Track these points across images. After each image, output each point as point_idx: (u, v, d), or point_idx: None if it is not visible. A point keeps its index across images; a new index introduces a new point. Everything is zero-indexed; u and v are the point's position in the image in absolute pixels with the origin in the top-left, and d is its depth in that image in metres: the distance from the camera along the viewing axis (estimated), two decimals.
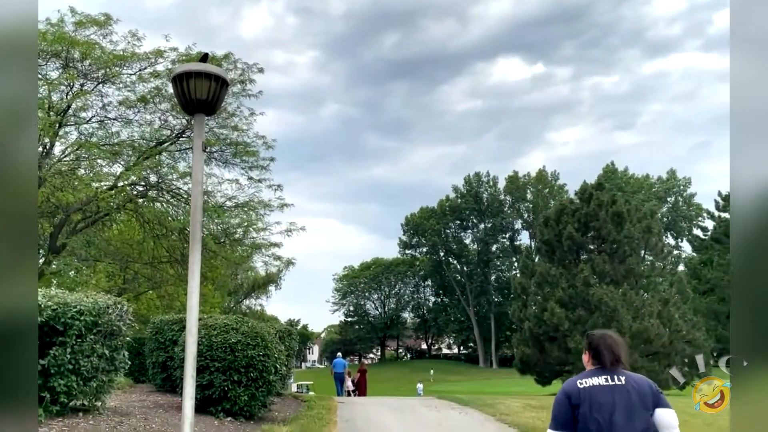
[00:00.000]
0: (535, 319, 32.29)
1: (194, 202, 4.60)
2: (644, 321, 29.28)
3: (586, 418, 3.23)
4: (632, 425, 3.20)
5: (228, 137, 17.85)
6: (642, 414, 3.24)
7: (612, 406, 3.23)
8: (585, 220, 32.74)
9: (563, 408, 3.35)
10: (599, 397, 3.28)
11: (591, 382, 3.34)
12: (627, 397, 3.27)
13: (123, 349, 8.20)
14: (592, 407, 3.25)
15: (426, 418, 12.69)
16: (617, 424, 3.19)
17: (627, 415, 3.22)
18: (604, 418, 3.21)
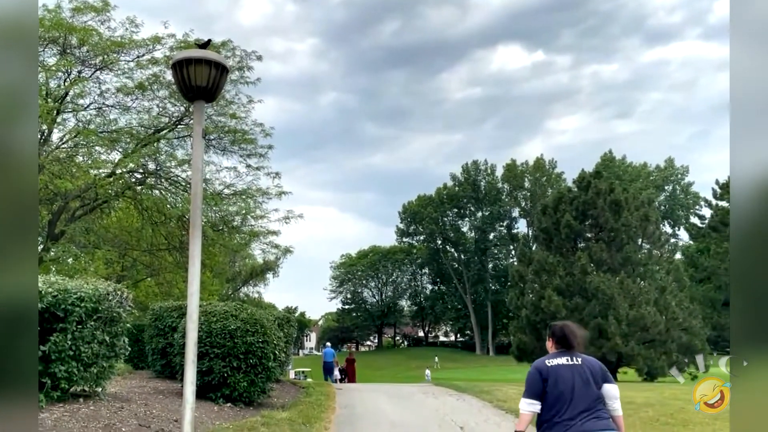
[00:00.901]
0: (532, 306, 32.41)
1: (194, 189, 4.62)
2: (641, 309, 29.41)
3: (553, 389, 4.17)
4: (587, 393, 4.17)
5: (226, 125, 17.82)
6: (593, 387, 4.20)
7: (572, 380, 4.18)
8: (583, 209, 32.78)
9: (536, 381, 4.25)
10: (563, 373, 4.22)
11: (556, 361, 4.28)
12: (583, 374, 4.23)
13: (123, 336, 8.23)
14: (557, 381, 4.18)
15: (424, 404, 12.79)
16: (576, 393, 4.14)
17: (584, 386, 4.18)
18: (566, 388, 4.15)
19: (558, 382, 4.19)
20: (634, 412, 11.26)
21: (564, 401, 4.14)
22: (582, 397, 4.16)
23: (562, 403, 4.14)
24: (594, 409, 4.15)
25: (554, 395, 4.17)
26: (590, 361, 4.36)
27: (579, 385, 4.19)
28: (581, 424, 4.08)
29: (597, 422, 4.09)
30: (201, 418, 8.41)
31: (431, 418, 10.57)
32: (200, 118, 4.60)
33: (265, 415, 9.19)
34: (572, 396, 4.15)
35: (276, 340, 10.66)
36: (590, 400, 4.16)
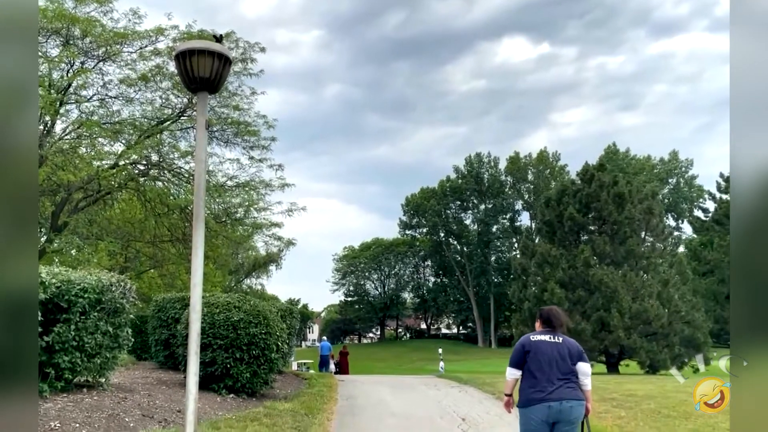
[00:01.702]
0: (534, 299, 32.39)
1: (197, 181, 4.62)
2: (644, 302, 29.38)
3: (532, 359, 5.05)
4: (563, 366, 5.00)
5: (229, 116, 17.82)
6: (569, 362, 5.04)
7: (551, 354, 5.04)
8: (586, 201, 32.71)
9: (518, 353, 5.18)
10: (543, 347, 5.10)
11: (539, 338, 5.18)
12: (561, 351, 5.08)
13: (126, 327, 8.27)
14: (537, 353, 5.06)
15: (426, 395, 12.83)
16: (553, 365, 4.99)
17: (560, 360, 5.02)
18: (544, 360, 5.01)
19: (538, 354, 5.07)
20: (635, 404, 11.28)
21: (542, 371, 4.99)
22: (558, 369, 5.00)
23: (541, 373, 4.99)
24: (567, 381, 4.99)
25: (535, 365, 5.03)
26: (570, 342, 5.22)
27: (556, 359, 5.04)
28: (555, 390, 4.92)
29: (569, 391, 4.94)
30: (204, 409, 8.45)
31: (433, 410, 10.60)
32: (203, 110, 4.60)
33: (267, 406, 9.23)
34: (549, 367, 5.00)
35: (279, 332, 10.69)
36: (565, 372, 5.00)
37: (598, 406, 11.27)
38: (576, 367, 5.06)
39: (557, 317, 5.36)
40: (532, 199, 73.31)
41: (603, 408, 11.06)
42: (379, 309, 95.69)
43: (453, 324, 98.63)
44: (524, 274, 35.40)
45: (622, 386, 13.89)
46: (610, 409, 10.97)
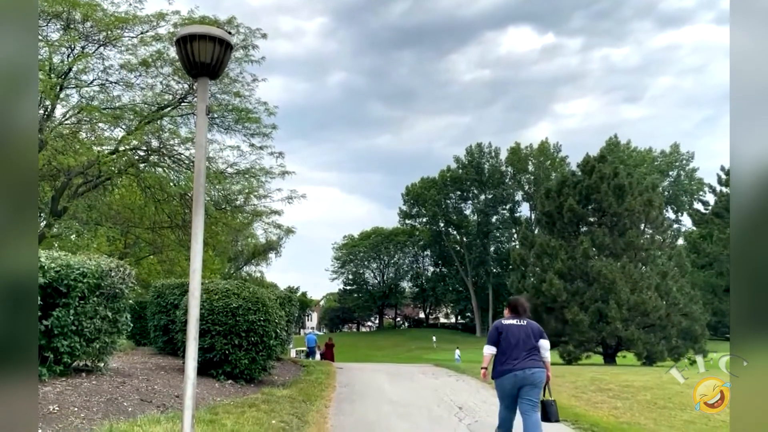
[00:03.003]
0: (533, 290, 32.48)
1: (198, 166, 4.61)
2: (642, 294, 29.46)
3: (504, 339, 6.41)
4: (528, 344, 6.37)
5: (230, 103, 17.76)
6: (532, 340, 6.41)
7: (518, 334, 6.43)
8: (586, 193, 32.71)
9: (493, 334, 6.56)
10: (513, 329, 6.48)
11: (509, 322, 6.58)
12: (526, 331, 6.47)
13: (125, 312, 8.29)
14: (508, 334, 6.44)
15: (423, 384, 12.88)
16: (520, 343, 6.34)
17: (526, 339, 6.40)
18: (513, 339, 6.37)
19: (509, 334, 6.43)
20: (632, 395, 11.34)
21: (512, 347, 6.35)
22: (524, 346, 6.36)
23: (510, 349, 6.34)
24: (531, 355, 6.35)
25: (506, 343, 6.39)
26: (532, 324, 6.62)
27: (523, 338, 6.40)
28: (521, 362, 6.28)
29: (532, 362, 6.30)
30: (202, 395, 8.49)
31: (430, 398, 10.65)
32: (204, 95, 4.58)
33: (265, 392, 9.27)
34: (517, 344, 6.36)
35: (277, 319, 10.72)
36: (529, 348, 6.36)
37: (594, 397, 11.35)
38: (538, 344, 6.45)
39: (522, 306, 6.78)
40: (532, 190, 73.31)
41: (599, 399, 11.13)
42: (377, 298, 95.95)
43: (451, 313, 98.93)
44: (523, 264, 35.46)
45: (618, 377, 13.96)
46: (607, 399, 11.04)
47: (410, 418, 8.56)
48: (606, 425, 8.65)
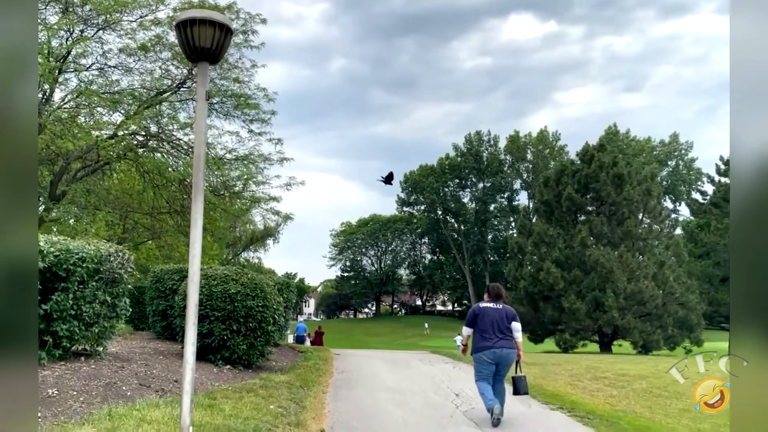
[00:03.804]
0: (530, 278, 32.58)
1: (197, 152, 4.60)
2: (639, 283, 29.56)
3: (481, 320, 7.30)
4: (502, 325, 7.24)
5: (229, 89, 17.69)
6: (506, 322, 7.28)
7: (494, 316, 7.29)
8: (585, 181, 32.72)
9: (471, 316, 7.49)
10: (489, 312, 7.35)
11: (486, 305, 7.46)
12: (501, 314, 7.34)
13: (124, 297, 8.31)
14: (484, 316, 7.31)
15: (420, 371, 12.95)
16: (495, 325, 7.22)
17: (500, 321, 7.26)
18: (488, 321, 7.24)
19: (485, 317, 7.30)
20: (627, 383, 11.41)
21: (488, 328, 7.22)
22: (498, 328, 7.23)
23: (487, 329, 7.23)
24: (505, 336, 7.25)
25: (483, 324, 7.28)
26: (507, 308, 7.50)
27: (498, 320, 7.26)
28: (496, 342, 7.19)
29: (506, 342, 7.23)
30: (200, 379, 8.52)
31: (427, 385, 10.72)
32: (204, 80, 4.56)
33: (263, 378, 9.31)
34: (492, 326, 7.22)
35: (275, 305, 10.74)
36: (503, 330, 7.24)
37: (590, 385, 11.41)
38: (511, 326, 7.32)
39: (499, 291, 7.63)
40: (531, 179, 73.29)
41: (595, 387, 11.19)
42: (375, 285, 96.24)
43: (448, 301, 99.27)
44: (521, 253, 35.53)
45: (614, 366, 14.03)
46: (602, 387, 11.11)
47: (407, 405, 8.61)
48: (602, 413, 8.71)
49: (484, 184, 79.89)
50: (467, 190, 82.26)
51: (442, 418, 7.77)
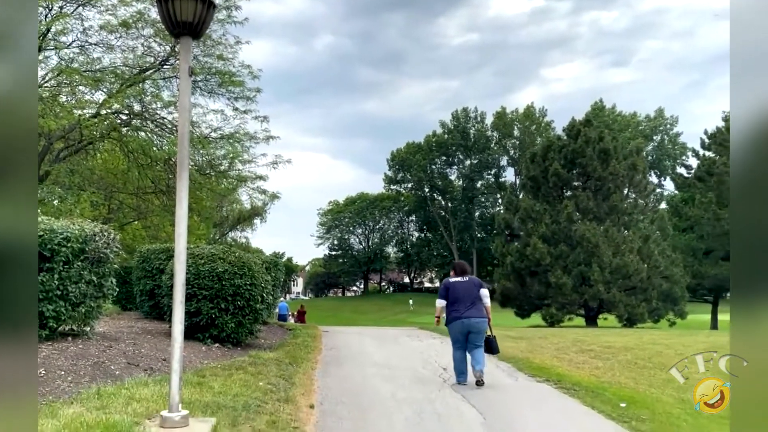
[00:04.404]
0: (517, 254, 32.80)
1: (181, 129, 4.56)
2: (624, 257, 29.87)
3: (452, 293, 8.22)
4: (471, 295, 8.17)
5: (213, 66, 17.48)
6: (475, 292, 8.21)
7: (463, 289, 8.22)
8: (571, 157, 32.83)
9: (443, 290, 8.39)
10: (458, 285, 8.28)
11: (455, 279, 8.40)
12: (470, 285, 8.30)
13: (110, 276, 8.27)
14: (456, 289, 8.23)
15: (408, 346, 13.05)
16: (465, 295, 8.13)
17: (469, 290, 8.20)
18: (459, 293, 8.17)
19: (455, 290, 8.22)
20: (612, 356, 11.58)
21: (459, 300, 8.14)
22: (468, 298, 8.15)
23: (458, 301, 8.14)
24: (474, 305, 8.15)
25: (453, 297, 8.20)
26: (474, 278, 8.52)
27: (467, 290, 8.20)
28: (467, 311, 8.09)
29: (476, 311, 8.13)
30: (189, 358, 8.54)
31: (415, 360, 10.81)
32: (186, 56, 4.50)
33: (252, 355, 9.35)
34: (463, 297, 8.15)
35: (263, 283, 10.75)
36: (473, 299, 8.16)
37: (576, 357, 11.56)
38: (480, 293, 8.23)
39: (464, 267, 8.66)
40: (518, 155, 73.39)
41: (581, 359, 11.35)
42: (363, 263, 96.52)
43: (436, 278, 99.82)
44: (508, 229, 35.72)
45: (599, 339, 14.22)
46: (588, 360, 11.26)
47: (396, 380, 8.70)
48: (587, 384, 8.84)
49: (471, 161, 79.91)
50: (454, 167, 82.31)
51: (431, 392, 7.86)
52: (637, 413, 7.16)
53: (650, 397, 8.56)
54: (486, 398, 7.65)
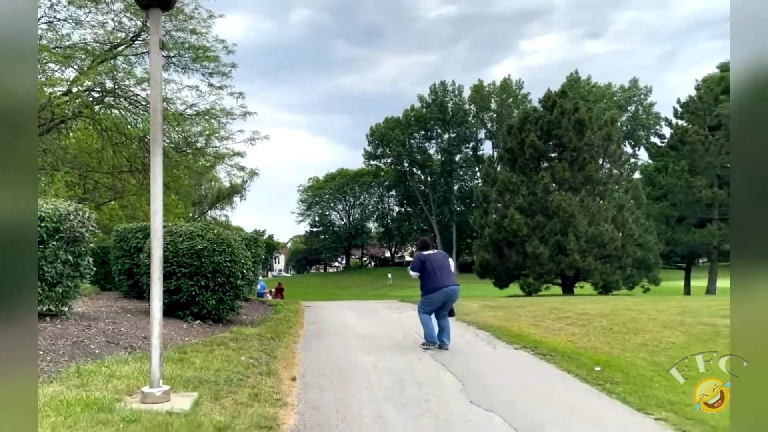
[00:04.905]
0: (495, 225, 33.08)
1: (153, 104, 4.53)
2: (599, 226, 30.28)
3: (428, 265, 8.81)
4: (444, 265, 8.96)
5: (186, 41, 17.20)
6: (446, 262, 9.05)
7: (437, 260, 8.97)
8: (547, 128, 33.00)
9: (418, 263, 8.95)
10: (432, 258, 8.94)
11: (427, 252, 9.05)
12: (441, 257, 9.13)
13: (87, 256, 8.22)
14: (431, 262, 8.87)
15: (389, 318, 13.20)
16: (440, 266, 8.87)
17: (444, 261, 9.02)
18: (435, 265, 8.86)
19: (432, 262, 8.87)
20: (588, 322, 11.82)
21: (438, 271, 8.83)
22: (445, 268, 8.92)
23: (438, 272, 8.83)
24: (450, 274, 8.98)
25: (432, 269, 8.82)
26: (441, 251, 9.50)
27: (441, 262, 8.95)
28: (448, 280, 8.86)
29: (452, 279, 8.95)
30: (170, 335, 8.56)
31: (395, 331, 10.95)
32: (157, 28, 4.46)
33: (234, 331, 9.39)
34: (439, 268, 8.85)
35: (243, 260, 10.75)
36: (446, 268, 8.94)
37: (553, 324, 11.79)
38: (449, 263, 9.08)
39: (427, 242, 9.45)
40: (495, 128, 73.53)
41: (557, 326, 11.58)
42: (344, 239, 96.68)
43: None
44: (485, 201, 35.97)
45: (575, 306, 14.49)
46: (564, 327, 11.49)
47: (377, 351, 8.82)
48: (563, 350, 9.05)
49: (450, 134, 79.88)
50: (433, 141, 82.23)
51: (411, 362, 8.00)
52: (611, 376, 7.37)
53: (624, 360, 8.79)
54: (465, 365, 7.81)
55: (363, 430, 5.13)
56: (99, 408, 4.69)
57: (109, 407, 4.75)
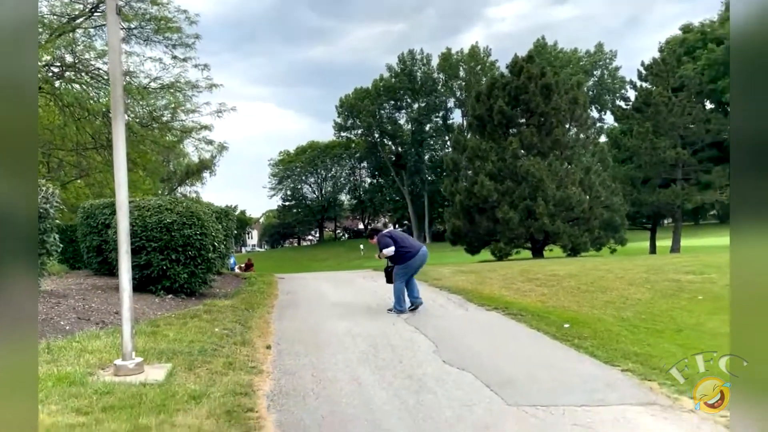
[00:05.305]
0: (465, 192, 33.27)
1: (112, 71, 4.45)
2: (567, 189, 30.68)
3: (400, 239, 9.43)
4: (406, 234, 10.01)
5: (147, 11, 16.78)
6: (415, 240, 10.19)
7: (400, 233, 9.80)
8: (515, 94, 33.09)
9: (389, 239, 9.33)
10: (397, 233, 9.68)
11: (393, 230, 9.84)
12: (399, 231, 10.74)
13: (53, 232, 8.10)
14: (400, 236, 9.61)
15: (363, 287, 13.31)
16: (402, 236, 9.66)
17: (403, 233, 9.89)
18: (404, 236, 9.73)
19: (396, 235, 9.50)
20: (557, 282, 12.08)
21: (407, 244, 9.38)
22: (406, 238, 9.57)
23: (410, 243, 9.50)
24: (413, 239, 9.93)
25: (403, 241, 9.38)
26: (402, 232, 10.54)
27: (401, 234, 9.77)
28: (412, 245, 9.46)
29: (418, 242, 9.78)
30: (142, 309, 8.54)
31: (369, 298, 11.06)
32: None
33: (207, 304, 9.40)
34: (409, 239, 9.67)
35: (215, 233, 10.70)
36: (409, 238, 9.76)
37: (523, 286, 12.03)
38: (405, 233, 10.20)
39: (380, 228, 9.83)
40: (464, 96, 73.44)
41: (527, 288, 11.81)
42: (317, 212, 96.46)
43: (389, 222, 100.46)
44: (456, 169, 36.10)
45: (545, 268, 14.76)
46: (534, 288, 11.73)
47: (351, 318, 8.91)
48: (534, 310, 9.26)
49: (419, 104, 79.57)
50: (403, 111, 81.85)
51: (386, 327, 8.11)
52: (579, 332, 7.58)
53: (592, 317, 9.04)
54: (438, 328, 7.95)
55: (338, 393, 5.22)
56: (71, 382, 4.70)
57: (82, 381, 4.76)
